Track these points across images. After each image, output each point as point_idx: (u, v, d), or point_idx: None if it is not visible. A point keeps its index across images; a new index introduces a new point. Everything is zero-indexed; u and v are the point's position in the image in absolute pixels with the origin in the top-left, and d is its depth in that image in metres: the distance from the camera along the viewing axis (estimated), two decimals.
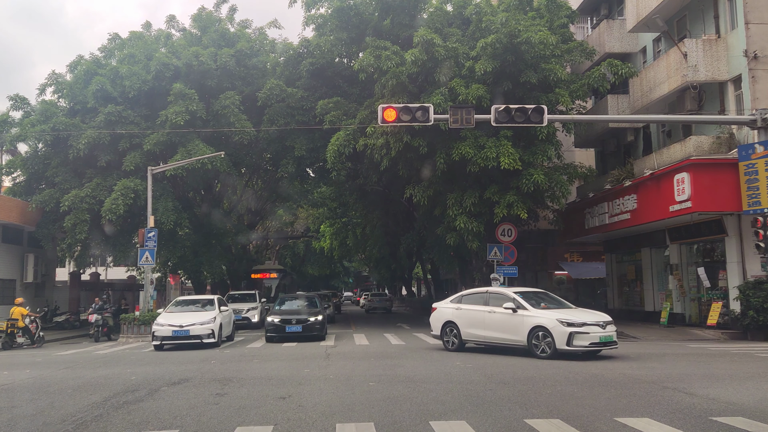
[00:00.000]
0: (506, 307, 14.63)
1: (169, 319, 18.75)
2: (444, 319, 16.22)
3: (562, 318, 13.82)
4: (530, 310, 14.37)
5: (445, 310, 16.37)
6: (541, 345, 13.89)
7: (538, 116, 17.24)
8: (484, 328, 15.14)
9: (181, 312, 19.63)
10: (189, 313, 19.37)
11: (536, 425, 7.39)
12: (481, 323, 15.21)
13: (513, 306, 14.57)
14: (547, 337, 13.79)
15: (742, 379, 10.74)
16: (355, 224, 44.21)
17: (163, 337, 18.15)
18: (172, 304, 20.92)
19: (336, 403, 8.87)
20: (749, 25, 19.40)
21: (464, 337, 15.69)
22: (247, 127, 27.17)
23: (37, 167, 28.30)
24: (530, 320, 14.19)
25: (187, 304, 20.80)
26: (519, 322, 14.38)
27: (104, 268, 48.83)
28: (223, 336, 19.47)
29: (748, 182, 17.99)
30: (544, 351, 13.79)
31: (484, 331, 15.15)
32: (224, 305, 20.62)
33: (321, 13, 27.20)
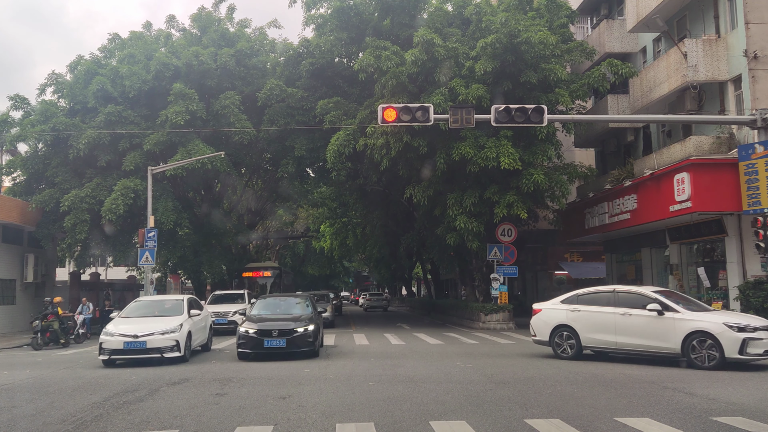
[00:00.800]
0: (650, 309, 12.69)
1: (121, 327, 14.59)
2: (554, 323, 14.27)
3: (731, 322, 11.99)
4: (683, 312, 12.46)
5: (555, 312, 14.46)
6: (702, 353, 11.96)
7: (538, 116, 17.23)
8: (615, 334, 13.18)
9: (139, 317, 15.44)
10: (148, 319, 15.15)
11: (536, 425, 7.39)
12: (612, 327, 13.23)
13: (658, 307, 12.65)
14: (708, 343, 11.92)
15: (742, 379, 10.74)
16: (355, 224, 44.23)
17: (112, 350, 14.10)
18: (130, 307, 16.48)
19: (336, 403, 8.87)
20: (749, 25, 19.39)
21: (585, 344, 13.77)
22: (247, 127, 27.18)
23: (37, 167, 28.30)
24: (685, 324, 12.25)
25: (147, 307, 16.35)
26: (669, 326, 12.44)
27: (104, 268, 48.84)
28: (194, 346, 15.67)
29: (748, 182, 17.98)
30: (707, 360, 11.90)
31: (616, 337, 13.19)
32: (197, 308, 16.59)
33: (321, 13, 27.23)
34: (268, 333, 14.43)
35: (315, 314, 15.95)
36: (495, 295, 24.83)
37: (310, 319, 15.18)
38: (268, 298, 17.46)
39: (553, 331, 14.37)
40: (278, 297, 17.93)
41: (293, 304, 16.64)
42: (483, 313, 24.57)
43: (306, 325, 14.73)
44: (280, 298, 17.49)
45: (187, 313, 15.46)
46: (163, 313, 15.61)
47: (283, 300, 17.24)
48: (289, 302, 16.85)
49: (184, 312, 15.48)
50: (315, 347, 14.85)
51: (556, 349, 14.27)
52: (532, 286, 39.42)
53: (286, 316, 15.45)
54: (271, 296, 18.54)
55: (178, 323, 14.70)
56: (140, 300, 17.29)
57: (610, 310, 13.40)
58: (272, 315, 15.72)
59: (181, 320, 14.90)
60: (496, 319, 24.18)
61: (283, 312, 16.01)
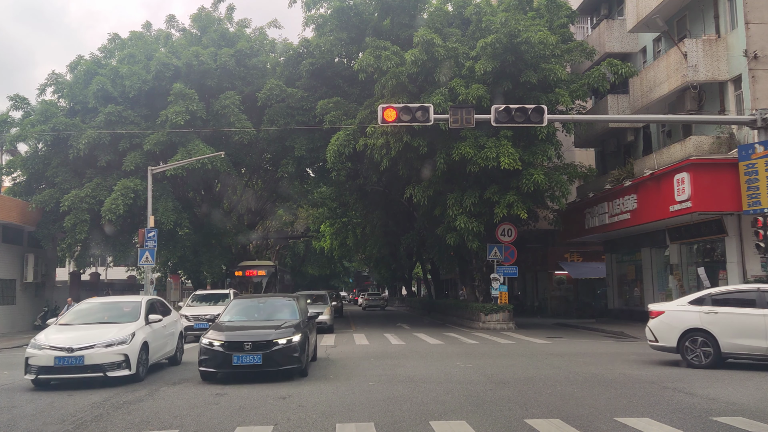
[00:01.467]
0: None
1: (55, 337, 11.30)
2: (684, 327, 12.51)
3: None
4: None
5: (684, 315, 12.68)
6: None
7: (538, 116, 17.23)
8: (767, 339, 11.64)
9: (82, 324, 12.04)
10: (93, 327, 11.82)
11: (536, 425, 7.39)
12: (762, 332, 11.64)
13: None
14: None
15: (742, 379, 10.74)
16: (355, 224, 44.23)
17: (40, 367, 10.83)
18: (73, 310, 12.96)
19: (336, 403, 8.87)
20: (749, 25, 19.40)
21: (726, 350, 12.08)
22: (247, 127, 27.19)
23: (37, 167, 28.30)
24: None
25: (95, 311, 12.83)
26: None
27: (104, 268, 48.86)
28: (155, 359, 12.62)
29: (748, 182, 17.98)
30: None
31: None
32: (161, 311, 13.42)
33: (321, 13, 27.23)
34: (238, 346, 10.82)
35: (304, 320, 12.40)
36: (495, 295, 24.82)
37: (296, 326, 11.58)
38: (244, 300, 13.81)
39: (682, 335, 12.54)
40: (258, 298, 14.02)
41: (277, 306, 13.05)
42: (483, 313, 24.57)
43: (290, 335, 11.13)
44: (260, 300, 13.71)
45: (143, 318, 12.19)
46: (114, 319, 12.26)
47: (264, 302, 13.48)
48: (271, 305, 13.24)
49: (140, 317, 12.16)
50: (302, 363, 11.19)
51: (686, 356, 12.46)
52: (532, 286, 39.45)
53: (265, 324, 11.95)
54: (248, 297, 14.75)
55: (128, 332, 11.41)
56: (88, 302, 13.61)
57: (758, 313, 11.77)
58: (248, 322, 12.34)
59: (133, 328, 11.64)
60: (496, 319, 24.19)
61: (262, 317, 12.54)
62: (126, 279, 43.73)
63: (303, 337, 11.46)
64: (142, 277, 28.72)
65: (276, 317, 12.46)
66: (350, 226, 44.89)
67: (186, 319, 20.20)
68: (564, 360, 13.77)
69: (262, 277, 30.82)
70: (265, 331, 11.37)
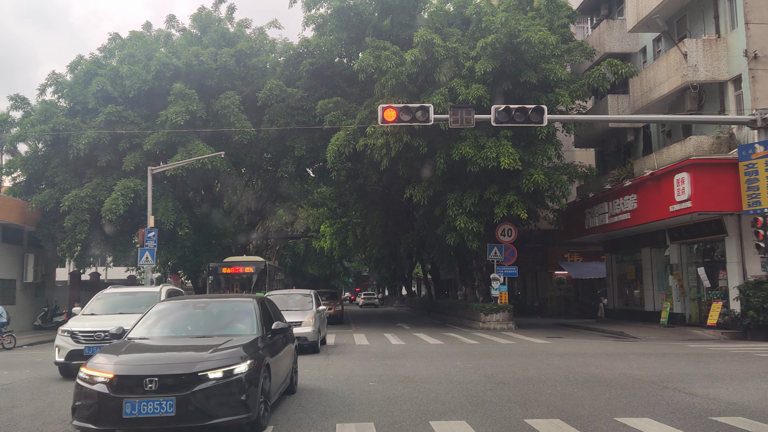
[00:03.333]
0: None
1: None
2: None
3: None
4: None
5: None
6: None
7: (538, 116, 17.24)
8: None
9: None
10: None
11: (536, 425, 7.38)
12: None
13: None
14: None
15: (742, 379, 10.74)
16: (355, 224, 44.23)
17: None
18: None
19: (336, 403, 8.87)
20: (749, 25, 19.40)
21: None
22: (247, 127, 27.20)
23: (37, 167, 28.32)
24: None
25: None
26: None
27: (104, 268, 48.87)
28: None
29: (748, 182, 17.98)
30: None
31: None
32: None
33: (321, 13, 27.24)
34: (134, 384, 6.51)
35: (265, 336, 8.01)
36: (495, 295, 24.83)
37: (246, 347, 7.19)
38: (174, 303, 8.90)
39: None
40: (200, 300, 9.08)
41: (227, 313, 8.57)
42: (483, 313, 24.58)
43: (229, 363, 6.77)
44: (200, 303, 8.81)
45: None
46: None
47: (206, 306, 8.69)
48: (218, 311, 8.64)
49: None
50: (252, 412, 6.84)
51: None
52: (532, 286, 39.46)
53: (196, 344, 7.46)
54: (184, 298, 9.96)
55: None
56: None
57: None
58: (171, 340, 7.86)
59: None
60: (496, 319, 24.19)
61: (199, 332, 8.04)
62: (126, 279, 43.75)
63: (254, 367, 6.92)
64: (142, 277, 28.70)
65: (221, 332, 7.96)
66: (350, 226, 44.90)
67: (68, 340, 12.20)
68: (564, 360, 13.76)
69: (249, 274, 26.96)
70: (187, 355, 6.90)
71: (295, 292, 19.55)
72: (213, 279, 26.99)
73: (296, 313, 15.77)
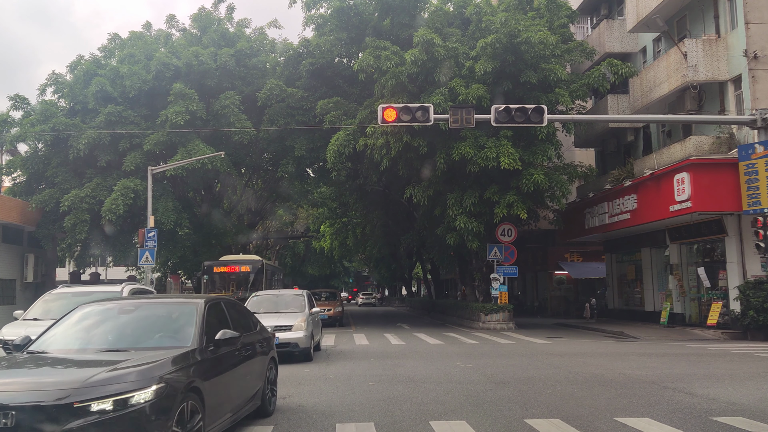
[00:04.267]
0: None
1: None
2: None
3: None
4: None
5: None
6: None
7: (538, 116, 17.24)
8: None
9: None
10: None
11: (536, 425, 7.38)
12: None
13: None
14: None
15: (742, 379, 10.74)
16: (355, 224, 44.25)
17: None
18: None
19: (336, 403, 8.87)
20: (749, 25, 19.40)
21: None
22: (247, 127, 27.19)
23: (37, 167, 28.30)
24: None
25: None
26: None
27: (104, 268, 48.87)
28: None
29: (748, 182, 17.98)
30: None
31: None
32: None
33: (321, 13, 27.25)
34: None
35: (202, 349, 6.12)
36: (495, 295, 24.83)
37: (162, 365, 5.32)
38: (97, 306, 6.94)
39: None
40: (126, 304, 7.16)
41: (160, 319, 6.78)
42: (483, 313, 24.58)
43: (124, 391, 4.88)
44: (126, 307, 6.95)
45: None
46: None
47: (130, 311, 6.85)
48: (146, 317, 6.81)
49: None
50: None
51: None
52: (532, 286, 39.47)
53: (94, 359, 5.81)
54: (107, 302, 7.18)
55: None
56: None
57: None
58: (72, 353, 6.12)
59: None
60: (496, 319, 24.19)
61: (117, 342, 6.26)
62: (126, 279, 43.74)
63: (166, 393, 5.06)
64: (142, 277, 28.69)
65: (144, 343, 6.18)
66: (350, 226, 44.91)
67: None
68: (564, 360, 13.76)
69: (246, 273, 26.15)
70: (67, 377, 5.13)
71: (285, 292, 17.65)
72: (208, 278, 25.78)
73: (286, 315, 14.40)
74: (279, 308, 15.12)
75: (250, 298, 16.14)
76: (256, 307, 14.87)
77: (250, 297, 16.23)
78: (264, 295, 16.39)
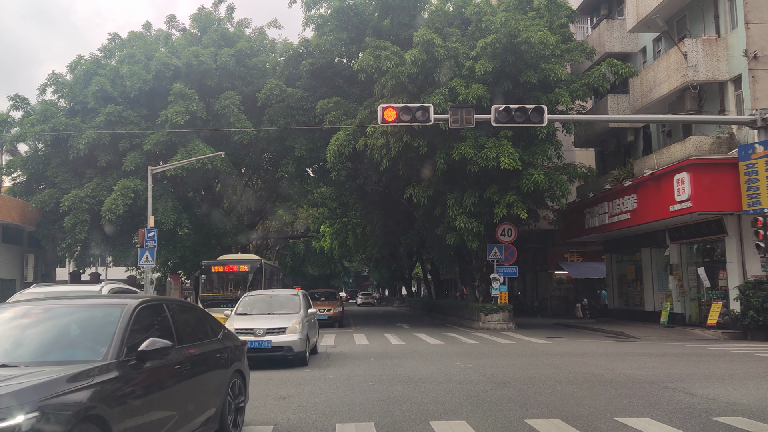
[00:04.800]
0: None
1: None
2: None
3: None
4: None
5: None
6: None
7: (538, 116, 17.24)
8: None
9: None
10: None
11: (536, 425, 7.38)
12: None
13: None
14: None
15: (742, 379, 10.74)
16: (355, 224, 44.25)
17: None
18: None
19: (336, 403, 8.86)
20: (749, 25, 19.40)
21: None
22: (247, 127, 27.19)
23: (37, 167, 28.32)
24: None
25: None
26: None
27: (104, 268, 48.85)
28: None
29: (748, 182, 17.98)
30: None
31: None
32: None
33: (321, 13, 27.24)
34: None
35: (120, 364, 4.75)
36: (495, 295, 24.83)
37: (47, 386, 4.02)
38: None
39: None
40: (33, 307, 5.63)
41: (72, 326, 5.41)
42: (483, 313, 24.58)
43: None
44: (33, 311, 5.54)
45: None
46: None
47: (37, 316, 5.45)
48: (54, 323, 5.42)
49: None
50: None
51: None
52: (532, 286, 39.46)
53: None
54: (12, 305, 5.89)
55: None
56: None
57: None
58: None
59: None
60: (496, 319, 24.19)
61: (10, 355, 4.87)
62: (126, 279, 43.73)
63: (43, 426, 3.77)
64: (142, 277, 28.69)
65: (43, 357, 4.89)
66: (350, 226, 44.91)
67: None
68: (564, 360, 13.76)
69: (244, 273, 25.66)
70: None
71: (279, 292, 16.58)
72: (206, 278, 25.36)
73: (279, 317, 13.41)
74: (272, 309, 14.26)
75: (242, 298, 15.15)
76: (248, 308, 14.37)
77: (242, 297, 15.27)
78: (257, 296, 15.40)
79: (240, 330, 12.55)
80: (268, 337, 12.68)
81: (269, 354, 12.61)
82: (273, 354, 12.66)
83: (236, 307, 14.59)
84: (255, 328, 12.86)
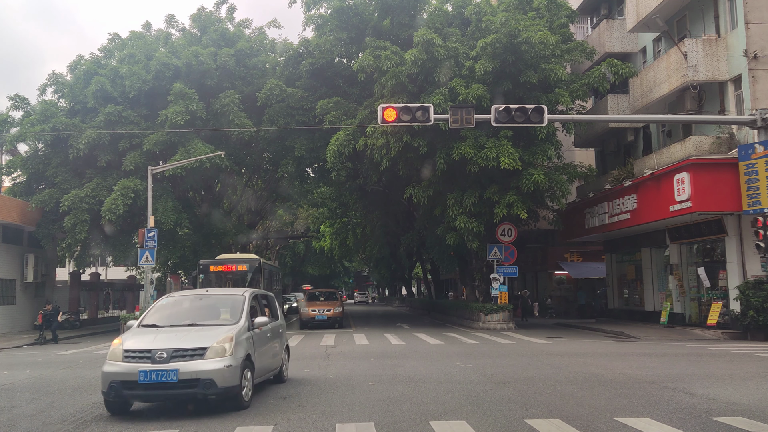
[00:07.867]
0: None
1: None
2: None
3: None
4: None
5: None
6: None
7: (538, 116, 17.24)
8: None
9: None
10: None
11: (536, 425, 7.38)
12: None
13: None
14: None
15: (742, 379, 10.74)
16: (355, 224, 44.24)
17: None
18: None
19: (336, 403, 8.87)
20: (749, 25, 19.40)
21: None
22: (247, 125, 27.16)
23: (37, 167, 28.29)
24: None
25: None
26: None
27: (104, 268, 48.87)
28: None
29: (748, 182, 17.98)
30: None
31: None
32: None
33: (321, 13, 27.23)
34: None
35: None
36: (495, 295, 24.83)
37: None
38: None
39: None
40: None
41: None
42: (483, 313, 24.58)
43: None
44: None
45: None
46: None
47: None
48: None
49: None
50: None
51: None
52: (532, 286, 39.45)
53: None
54: None
55: None
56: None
57: None
58: None
59: None
60: (496, 319, 24.19)
61: None
62: (126, 279, 43.74)
63: None
64: (142, 277, 28.68)
65: None
66: (350, 226, 44.90)
67: None
68: (564, 360, 13.77)
69: (243, 273, 25.00)
70: None
71: (217, 292, 11.17)
72: (204, 277, 24.48)
73: (200, 332, 8.83)
74: (196, 318, 9.40)
75: (157, 302, 10.21)
76: (156, 316, 9.47)
77: (157, 301, 10.37)
78: (179, 297, 10.43)
79: (131, 353, 8.22)
80: (175, 365, 8.06)
81: (175, 392, 8.17)
82: (181, 392, 8.19)
83: (144, 314, 9.80)
84: (154, 350, 8.16)
